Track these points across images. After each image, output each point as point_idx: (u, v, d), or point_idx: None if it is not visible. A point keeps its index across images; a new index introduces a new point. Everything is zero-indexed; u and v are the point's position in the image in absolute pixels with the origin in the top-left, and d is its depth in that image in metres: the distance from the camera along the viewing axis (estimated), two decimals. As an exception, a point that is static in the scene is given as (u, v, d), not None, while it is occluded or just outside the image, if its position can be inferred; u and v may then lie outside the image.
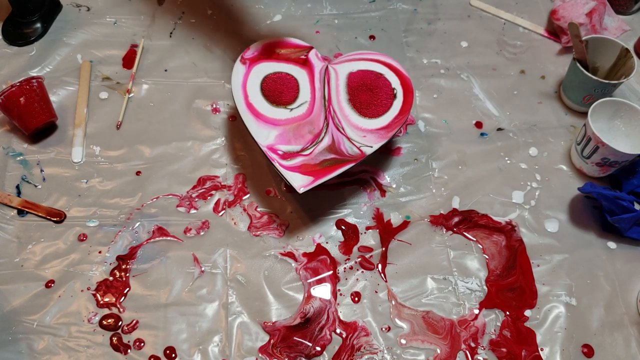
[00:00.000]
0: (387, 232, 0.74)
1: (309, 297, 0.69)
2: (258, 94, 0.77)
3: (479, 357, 0.66)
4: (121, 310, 0.67)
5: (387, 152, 0.82)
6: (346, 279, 0.71)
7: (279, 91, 0.78)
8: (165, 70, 0.88)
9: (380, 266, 0.72)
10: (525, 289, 0.70)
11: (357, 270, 0.71)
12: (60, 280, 0.69)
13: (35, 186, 0.76)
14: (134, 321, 0.66)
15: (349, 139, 0.74)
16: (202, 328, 0.66)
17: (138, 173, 0.78)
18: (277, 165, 0.71)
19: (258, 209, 0.75)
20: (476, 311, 0.69)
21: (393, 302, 0.69)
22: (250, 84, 0.78)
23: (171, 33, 0.93)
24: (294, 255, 0.72)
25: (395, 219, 0.76)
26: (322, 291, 0.69)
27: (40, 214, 0.73)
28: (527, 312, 0.69)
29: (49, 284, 0.68)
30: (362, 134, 0.74)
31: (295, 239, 0.73)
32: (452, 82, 0.90)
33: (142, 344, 0.65)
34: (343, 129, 0.75)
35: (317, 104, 0.77)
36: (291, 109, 0.77)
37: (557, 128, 0.86)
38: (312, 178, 0.70)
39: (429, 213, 0.76)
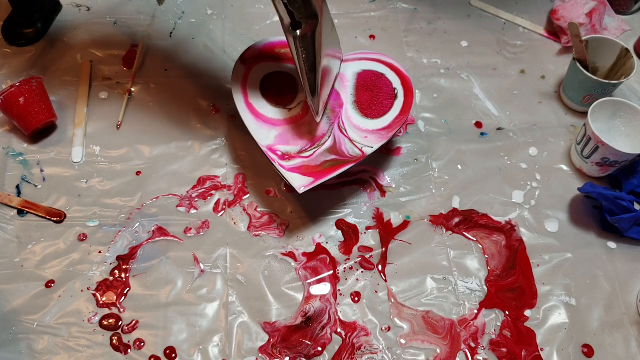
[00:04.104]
0: (387, 232, 0.74)
1: (309, 297, 0.69)
2: (258, 93, 0.77)
3: (479, 357, 0.66)
4: (121, 310, 0.67)
5: (387, 152, 0.82)
6: (346, 279, 0.71)
7: (278, 91, 0.78)
8: (165, 70, 0.88)
9: (380, 266, 0.72)
10: (525, 289, 0.70)
11: (357, 270, 0.71)
12: (61, 280, 0.69)
13: (35, 186, 0.76)
14: (134, 321, 0.66)
15: (350, 140, 0.74)
16: (203, 328, 0.67)
17: (138, 173, 0.78)
18: (277, 165, 0.71)
19: (258, 209, 0.75)
20: (476, 311, 0.69)
21: (393, 302, 0.69)
22: (250, 84, 0.78)
23: (171, 33, 0.93)
24: (294, 255, 0.72)
25: (395, 219, 0.76)
26: (322, 291, 0.69)
27: (40, 214, 0.73)
28: (527, 312, 0.69)
29: (49, 284, 0.68)
30: (363, 134, 0.74)
31: (295, 239, 0.73)
32: (452, 82, 0.90)
33: (142, 344, 0.65)
34: (346, 131, 0.75)
35: None
36: (290, 109, 0.77)
37: (557, 128, 0.86)
38: (312, 178, 0.70)
39: (429, 213, 0.76)
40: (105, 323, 0.66)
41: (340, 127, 0.75)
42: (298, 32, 0.67)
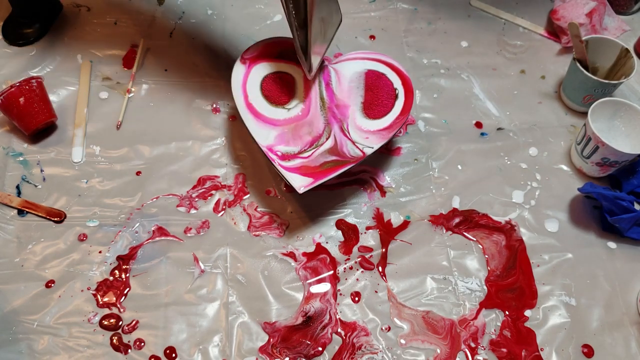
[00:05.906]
0: (387, 232, 0.74)
1: (309, 297, 0.69)
2: (258, 94, 0.77)
3: (479, 357, 0.66)
4: (121, 310, 0.67)
5: (387, 152, 0.82)
6: (346, 279, 0.71)
7: (278, 91, 0.78)
8: (165, 70, 0.88)
9: (380, 266, 0.72)
10: (525, 289, 0.70)
11: (357, 270, 0.71)
12: (61, 280, 0.69)
13: (35, 186, 0.76)
14: (134, 321, 0.66)
15: (352, 141, 0.74)
16: (203, 328, 0.67)
17: (138, 173, 0.78)
18: (277, 165, 0.71)
19: (258, 209, 0.75)
20: (476, 311, 0.69)
21: (393, 302, 0.69)
22: (250, 84, 0.78)
23: (171, 33, 0.93)
24: (294, 255, 0.72)
25: (395, 219, 0.76)
26: (322, 291, 0.69)
27: (40, 214, 0.73)
28: (527, 312, 0.69)
29: (49, 284, 0.68)
30: (364, 135, 0.74)
31: (295, 239, 0.73)
32: (452, 82, 0.90)
33: (143, 344, 0.65)
34: (349, 133, 0.75)
35: (312, 103, 0.77)
36: (289, 109, 0.77)
37: (557, 128, 0.86)
38: (312, 179, 0.70)
39: (429, 213, 0.76)
40: (106, 323, 0.66)
41: (343, 129, 0.75)
42: None
